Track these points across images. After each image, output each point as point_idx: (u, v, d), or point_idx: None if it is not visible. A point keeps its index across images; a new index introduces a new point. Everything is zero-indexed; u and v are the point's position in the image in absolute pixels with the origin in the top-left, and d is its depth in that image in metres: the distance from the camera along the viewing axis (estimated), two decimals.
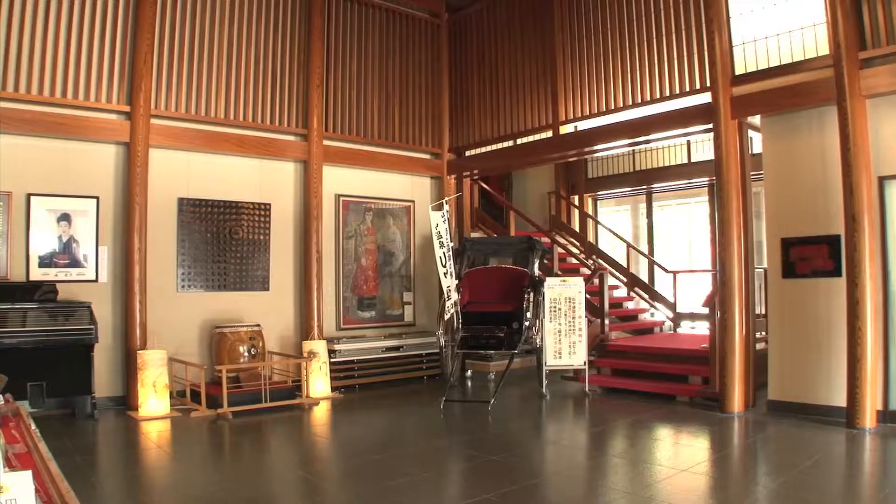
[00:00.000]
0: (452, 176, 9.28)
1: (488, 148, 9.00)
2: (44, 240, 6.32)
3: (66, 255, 6.40)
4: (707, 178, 9.85)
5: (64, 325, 5.79)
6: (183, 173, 7.19)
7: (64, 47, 6.46)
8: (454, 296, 7.08)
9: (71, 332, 5.81)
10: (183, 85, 7.14)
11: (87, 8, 6.60)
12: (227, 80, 7.46)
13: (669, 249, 10.90)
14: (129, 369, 6.50)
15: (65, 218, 6.41)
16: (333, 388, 7.46)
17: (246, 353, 6.89)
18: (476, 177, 9.59)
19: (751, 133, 6.64)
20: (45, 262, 6.30)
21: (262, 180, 7.77)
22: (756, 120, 6.45)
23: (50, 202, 6.35)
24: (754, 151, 6.96)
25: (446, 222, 7.12)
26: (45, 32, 6.36)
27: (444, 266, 6.99)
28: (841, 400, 5.48)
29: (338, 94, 8.38)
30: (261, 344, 7.04)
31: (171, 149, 7.06)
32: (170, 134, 6.99)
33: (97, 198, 6.61)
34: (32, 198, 6.26)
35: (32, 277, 6.19)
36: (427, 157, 9.24)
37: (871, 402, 5.25)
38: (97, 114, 6.62)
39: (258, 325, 7.15)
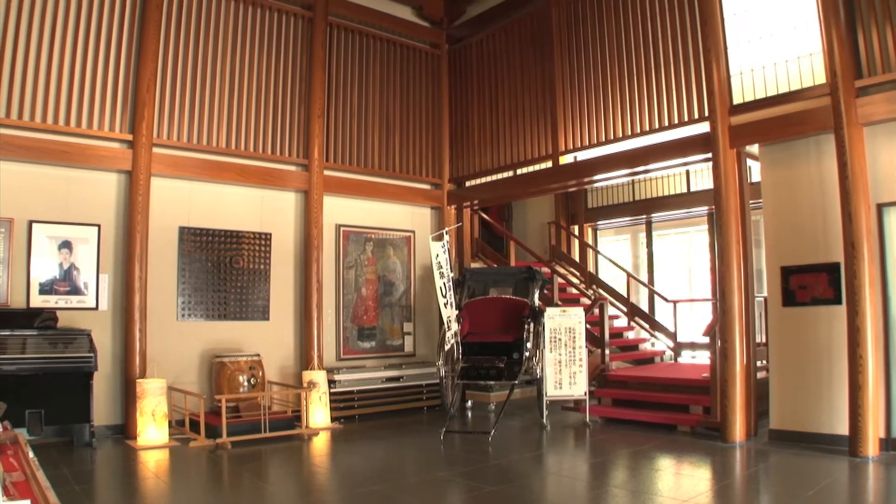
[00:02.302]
0: (453, 206, 9.31)
1: (488, 178, 9.04)
2: (45, 267, 6.33)
3: (66, 282, 6.40)
4: (706, 207, 9.89)
5: (63, 352, 5.79)
6: (184, 202, 7.22)
7: (68, 76, 6.53)
8: (454, 326, 7.07)
9: (70, 360, 5.80)
10: (185, 114, 7.20)
11: (92, 37, 6.69)
12: (229, 109, 7.52)
13: (669, 278, 10.91)
14: (128, 398, 6.46)
15: (66, 245, 6.42)
16: (333, 419, 7.42)
17: (245, 383, 6.86)
18: (476, 207, 9.62)
19: (749, 162, 6.67)
20: (46, 289, 6.30)
21: (263, 210, 7.79)
22: (754, 149, 6.48)
23: (51, 229, 6.36)
24: (753, 180, 6.99)
25: (446, 252, 7.14)
26: (50, 61, 6.44)
27: (445, 296, 6.98)
28: (843, 428, 5.44)
29: (339, 124, 8.44)
30: (260, 373, 7.03)
31: (172, 178, 7.09)
32: (172, 163, 7.03)
33: (98, 225, 6.63)
34: (34, 225, 6.28)
35: (33, 304, 6.18)
36: (427, 187, 9.28)
37: (874, 431, 5.22)
38: (99, 142, 6.67)
39: (258, 355, 7.14)
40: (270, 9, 7.96)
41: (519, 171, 8.68)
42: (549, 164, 8.19)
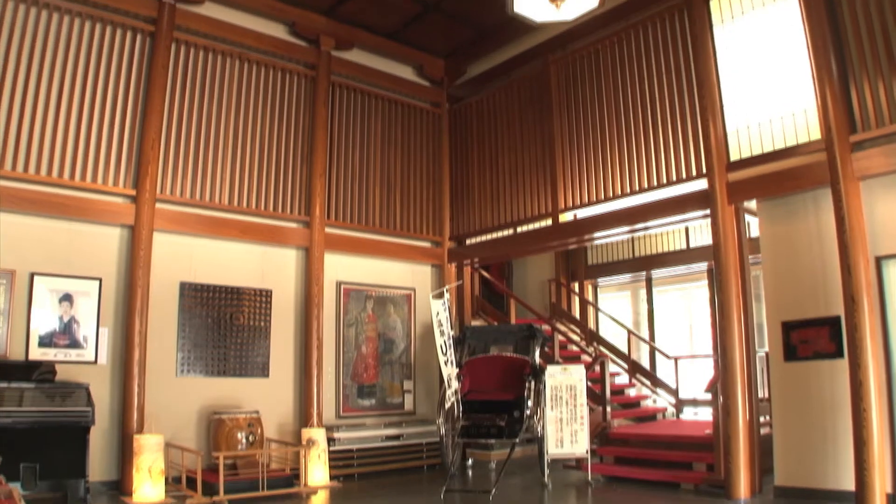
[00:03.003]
0: (453, 264, 9.33)
1: (489, 236, 9.08)
2: (45, 319, 6.32)
3: (66, 335, 6.39)
4: (706, 263, 9.93)
5: (61, 406, 5.72)
6: (186, 258, 7.24)
7: (74, 131, 6.64)
8: (455, 384, 7.04)
9: (67, 414, 5.73)
10: (188, 171, 7.29)
11: (99, 94, 6.83)
12: (232, 166, 7.61)
13: (670, 334, 10.88)
14: (124, 453, 6.38)
15: (67, 298, 6.43)
16: (332, 477, 7.30)
17: (244, 440, 6.80)
18: (477, 265, 9.65)
19: (748, 217, 6.72)
20: (45, 341, 6.28)
21: (265, 266, 7.82)
22: (753, 204, 6.54)
23: (53, 282, 6.38)
24: (752, 235, 7.03)
25: (447, 310, 7.15)
26: (58, 116, 6.56)
27: (445, 354, 6.97)
28: (849, 484, 5.36)
29: (340, 182, 8.53)
30: (259, 431, 6.96)
31: (175, 233, 7.13)
32: (174, 219, 7.09)
33: (100, 279, 6.65)
34: (36, 277, 6.29)
35: (32, 357, 6.16)
36: (428, 245, 9.32)
37: (881, 486, 5.13)
38: (103, 196, 6.73)
39: (257, 412, 7.08)
40: (274, 68, 8.13)
41: (519, 229, 8.71)
42: (549, 221, 8.23)
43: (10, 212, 6.19)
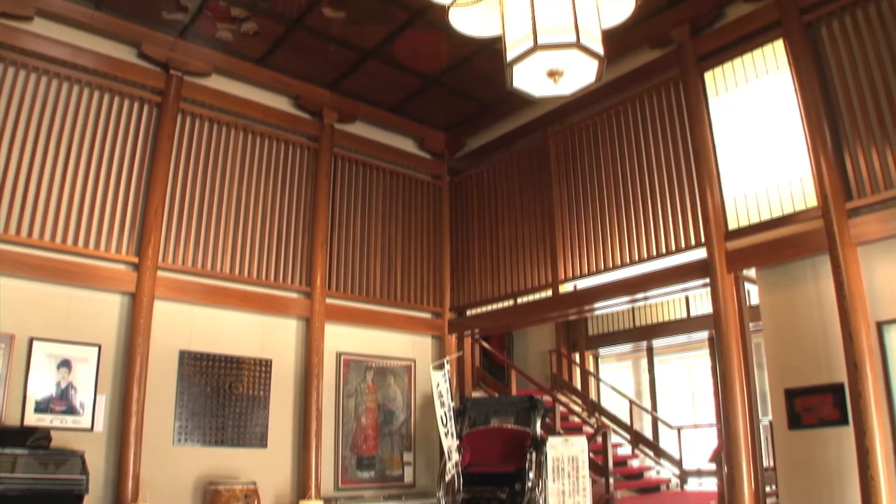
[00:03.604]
0: (454, 335, 9.30)
1: (489, 307, 9.07)
2: (42, 385, 6.26)
3: (62, 401, 6.32)
4: (707, 331, 9.90)
5: (55, 473, 5.61)
6: (186, 326, 7.23)
7: (79, 197, 6.74)
8: (455, 456, 6.95)
9: (61, 482, 5.60)
10: (191, 239, 7.35)
11: (105, 160, 6.96)
12: (234, 236, 7.67)
13: (673, 404, 10.77)
14: None
15: (65, 364, 6.39)
16: None
17: None
18: (477, 336, 9.62)
19: (748, 285, 6.73)
20: (42, 407, 6.21)
21: (264, 336, 7.79)
22: (752, 272, 6.56)
23: (52, 347, 6.34)
24: (752, 303, 7.03)
25: (447, 382, 7.12)
26: (63, 182, 6.67)
27: (445, 426, 6.91)
28: None
29: (341, 252, 8.58)
30: (256, 502, 6.83)
31: (175, 301, 7.13)
32: (175, 287, 7.11)
33: (99, 345, 6.62)
34: (35, 342, 6.26)
35: (27, 422, 6.07)
36: (428, 316, 9.30)
37: None
38: (105, 263, 6.77)
39: (254, 483, 6.95)
40: (278, 139, 8.28)
41: (520, 300, 8.71)
42: (550, 292, 8.24)
43: (11, 276, 6.21)
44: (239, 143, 7.97)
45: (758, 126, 6.50)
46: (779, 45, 6.44)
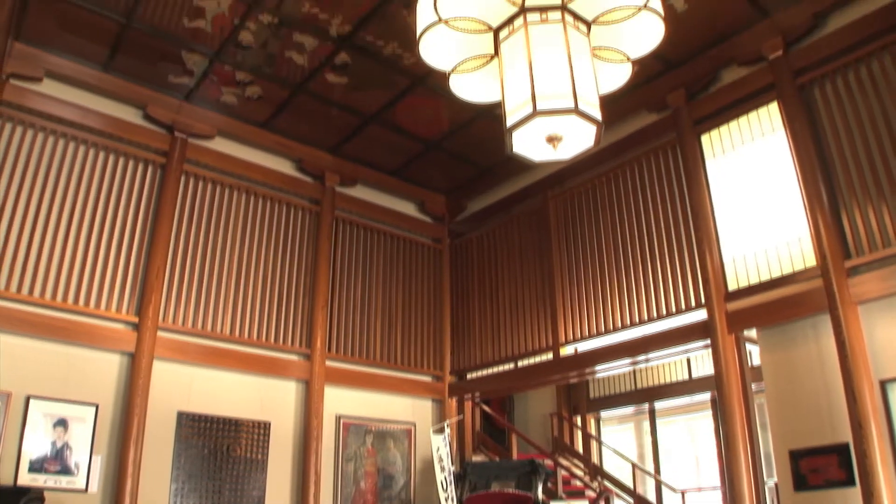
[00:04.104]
0: (454, 398, 9.22)
1: (490, 370, 9.03)
2: (37, 444, 6.17)
3: (57, 461, 6.23)
4: (709, 393, 9.83)
5: None
6: (185, 387, 7.18)
7: (82, 256, 6.78)
8: None
9: None
10: (192, 300, 7.36)
11: (108, 219, 7.04)
12: (235, 297, 7.69)
13: (676, 466, 10.63)
14: None
15: (61, 423, 6.32)
16: None
17: None
18: (478, 399, 9.55)
19: (749, 345, 6.72)
20: (36, 466, 6.11)
21: (263, 398, 7.73)
22: (753, 332, 6.55)
23: (48, 406, 6.28)
24: (754, 363, 7.00)
25: (447, 446, 7.05)
26: (66, 239, 6.72)
27: (446, 491, 6.83)
28: None
29: (342, 315, 8.57)
30: None
31: (175, 362, 7.11)
32: (175, 347, 7.09)
33: (97, 405, 6.55)
34: (31, 400, 6.20)
35: (21, 482, 5.96)
36: (429, 379, 9.25)
37: None
38: (105, 322, 6.77)
39: None
40: (280, 202, 8.37)
41: (520, 363, 8.67)
42: (550, 355, 8.20)
43: (10, 333, 6.21)
44: (241, 205, 8.05)
45: (755, 187, 6.58)
46: (773, 107, 6.57)
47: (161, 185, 7.45)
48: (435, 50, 3.73)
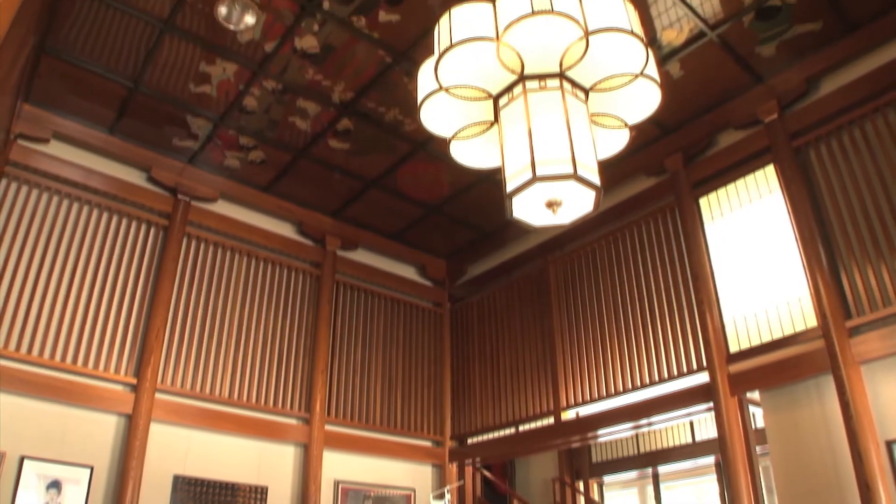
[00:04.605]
0: (454, 463, 9.11)
1: (491, 435, 8.93)
2: None
3: None
4: (713, 456, 9.71)
5: None
6: (182, 450, 7.10)
7: (82, 315, 6.78)
8: None
9: None
10: (191, 362, 7.33)
11: (109, 280, 7.05)
12: (234, 360, 7.66)
13: None
14: None
15: (55, 485, 6.22)
16: None
17: None
18: (478, 464, 9.43)
19: (752, 408, 6.67)
20: None
21: (261, 462, 7.64)
22: (756, 394, 6.51)
23: (43, 467, 6.19)
24: (758, 426, 6.94)
25: None
26: (67, 299, 6.73)
27: None
28: None
29: (341, 378, 8.53)
30: None
31: (172, 424, 7.04)
32: (173, 410, 7.04)
33: (91, 467, 6.45)
34: (26, 460, 6.11)
35: None
36: (429, 444, 9.15)
37: None
38: (102, 383, 6.73)
39: None
40: (280, 265, 8.40)
41: (521, 428, 8.59)
42: (552, 420, 8.13)
43: (5, 392, 6.16)
44: (242, 268, 8.09)
45: (754, 248, 6.62)
46: (770, 170, 6.66)
47: (163, 247, 7.50)
48: (436, 117, 3.80)
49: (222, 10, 5.95)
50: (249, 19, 6.04)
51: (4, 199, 6.71)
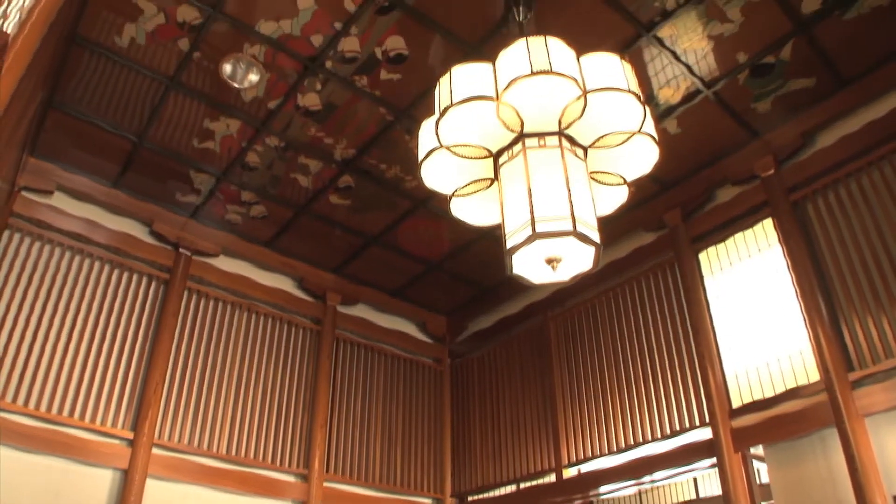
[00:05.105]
0: None
1: (491, 493, 8.81)
2: None
3: None
4: None
5: None
6: None
7: (80, 368, 6.74)
8: None
9: None
10: (189, 417, 7.27)
11: (109, 333, 7.02)
12: (233, 415, 7.59)
13: None
14: None
15: None
16: None
17: None
18: None
19: (756, 463, 6.59)
20: None
21: None
22: (760, 450, 6.44)
23: None
24: (762, 481, 6.85)
25: None
26: (65, 352, 6.69)
27: None
28: None
29: (340, 434, 8.45)
30: None
31: (168, 480, 6.94)
32: (170, 465, 6.95)
33: None
34: None
35: None
36: (429, 502, 9.01)
37: None
38: (98, 437, 6.65)
39: None
40: (281, 320, 8.39)
41: (523, 486, 8.48)
42: (553, 477, 8.03)
43: (1, 445, 6.12)
44: (242, 323, 8.08)
45: (755, 302, 6.62)
46: (769, 223, 6.71)
47: (163, 301, 7.50)
48: (436, 174, 3.85)
49: (227, 69, 6.08)
50: (253, 77, 6.17)
51: (7, 250, 6.75)
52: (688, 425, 6.82)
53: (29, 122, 5.92)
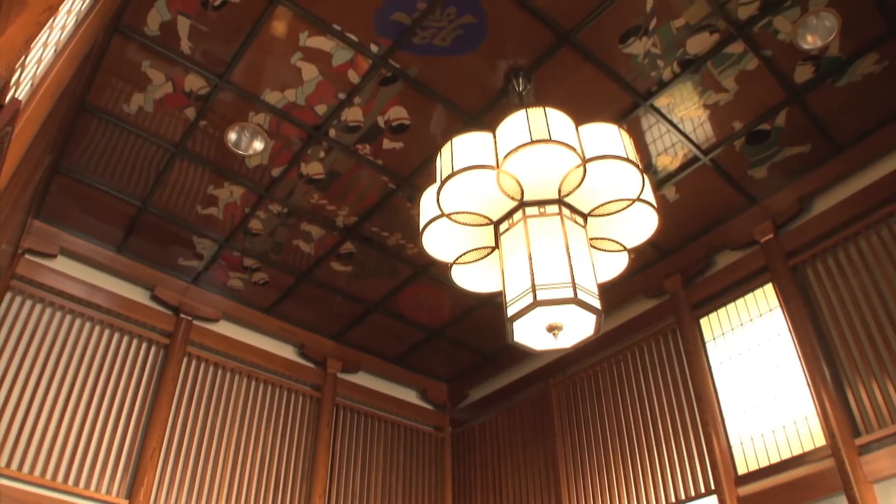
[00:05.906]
0: None
1: None
2: None
3: None
4: None
5: None
6: None
7: (76, 432, 6.64)
8: None
9: None
10: (185, 484, 7.14)
11: (107, 397, 6.94)
12: (230, 483, 7.46)
13: None
14: None
15: None
16: None
17: None
18: None
19: None
20: None
21: None
22: None
23: None
24: None
25: None
26: (62, 416, 6.60)
27: None
28: None
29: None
30: None
31: None
32: None
33: None
34: None
35: None
36: None
37: None
38: (93, 503, 6.54)
39: None
40: (281, 387, 8.32)
41: None
42: None
43: None
44: (242, 389, 8.01)
45: (757, 367, 6.58)
46: (769, 288, 6.72)
47: (163, 366, 7.45)
48: (437, 241, 3.88)
49: (232, 136, 6.19)
50: (258, 145, 6.27)
51: (8, 313, 6.73)
52: (693, 493, 6.70)
53: (35, 186, 6.00)
